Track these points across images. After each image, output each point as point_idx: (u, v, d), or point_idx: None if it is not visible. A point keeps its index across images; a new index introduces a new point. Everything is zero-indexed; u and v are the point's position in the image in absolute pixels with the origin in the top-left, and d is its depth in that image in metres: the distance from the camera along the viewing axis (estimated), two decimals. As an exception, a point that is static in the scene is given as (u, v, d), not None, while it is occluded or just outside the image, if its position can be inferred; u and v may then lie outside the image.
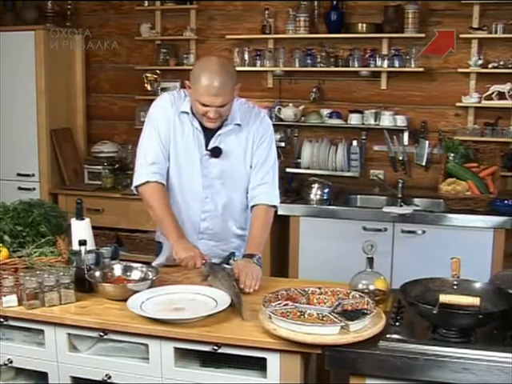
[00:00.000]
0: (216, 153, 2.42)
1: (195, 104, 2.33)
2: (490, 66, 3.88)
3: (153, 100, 2.61)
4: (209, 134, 2.42)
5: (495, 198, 3.60)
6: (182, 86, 4.44)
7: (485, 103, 3.92)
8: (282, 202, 3.77)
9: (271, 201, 2.50)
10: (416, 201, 3.94)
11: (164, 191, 2.41)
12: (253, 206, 2.50)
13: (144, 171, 2.40)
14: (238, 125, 2.44)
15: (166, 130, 2.41)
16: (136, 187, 2.43)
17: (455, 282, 2.00)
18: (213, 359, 1.98)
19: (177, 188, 2.48)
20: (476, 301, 1.82)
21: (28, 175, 4.42)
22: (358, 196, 4.16)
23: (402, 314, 1.99)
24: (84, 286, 2.20)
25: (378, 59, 4.07)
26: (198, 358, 2.01)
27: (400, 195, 3.82)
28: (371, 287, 2.08)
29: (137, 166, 2.44)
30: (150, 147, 2.41)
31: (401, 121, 4.08)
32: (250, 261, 2.33)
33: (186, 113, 2.41)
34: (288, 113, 4.23)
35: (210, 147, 2.42)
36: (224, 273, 2.24)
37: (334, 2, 4.10)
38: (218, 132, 2.42)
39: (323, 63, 4.17)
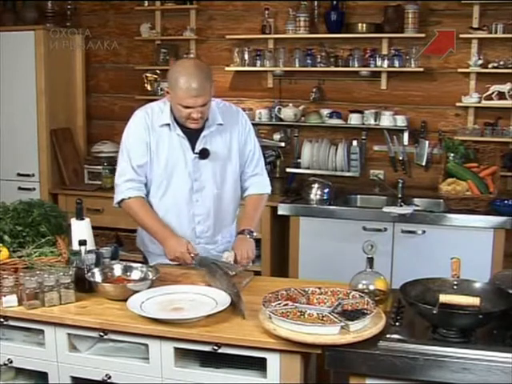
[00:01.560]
0: (204, 154, 2.46)
1: (177, 108, 2.36)
2: (489, 65, 3.88)
3: (153, 100, 2.63)
4: (193, 138, 2.46)
5: (495, 198, 3.60)
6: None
7: (485, 103, 3.92)
8: (281, 202, 3.84)
9: (263, 189, 2.65)
10: (416, 201, 3.94)
11: (143, 202, 2.49)
12: (246, 197, 2.64)
13: (119, 190, 2.49)
14: (221, 124, 2.49)
15: (139, 153, 2.46)
16: (118, 204, 2.52)
17: (455, 282, 2.00)
18: (213, 359, 1.98)
19: (169, 198, 2.52)
20: (476, 301, 1.82)
21: (28, 175, 4.42)
22: (358, 196, 4.16)
23: (402, 314, 1.99)
24: (84, 286, 2.20)
25: (378, 59, 4.07)
26: (197, 357, 2.01)
27: (400, 195, 3.82)
28: (371, 287, 2.08)
29: (115, 187, 2.54)
30: (122, 170, 2.49)
31: (401, 121, 4.08)
32: (243, 236, 2.46)
33: (167, 124, 2.45)
34: (288, 113, 4.23)
35: (196, 150, 2.46)
36: (222, 272, 2.25)
37: (334, 2, 4.10)
38: (203, 134, 2.46)
39: (323, 63, 4.17)
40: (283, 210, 3.84)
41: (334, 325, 1.82)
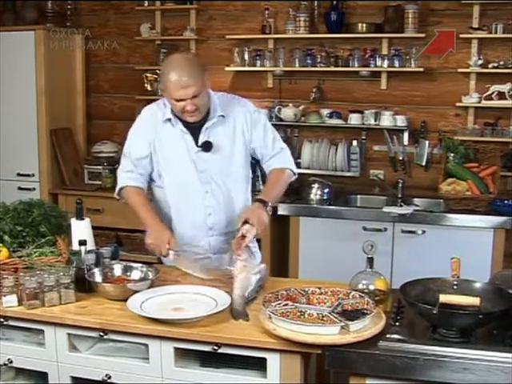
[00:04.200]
0: (207, 147, 2.47)
1: (172, 103, 2.39)
2: (490, 65, 3.88)
3: (153, 100, 2.63)
4: (196, 131, 2.47)
5: (495, 198, 3.60)
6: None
7: (485, 103, 3.92)
8: (281, 202, 3.83)
9: (283, 164, 2.60)
10: (416, 201, 3.94)
11: (138, 190, 2.52)
12: (268, 174, 2.62)
13: (119, 180, 2.56)
14: (222, 116, 2.49)
15: (137, 148, 2.51)
16: (118, 194, 2.57)
17: (455, 282, 2.00)
18: (213, 359, 1.98)
19: (176, 193, 2.53)
20: (476, 301, 1.82)
21: (28, 175, 4.42)
22: (358, 196, 4.16)
23: (402, 314, 1.99)
24: (84, 286, 2.20)
25: (378, 59, 4.07)
26: (197, 357, 2.01)
27: (400, 195, 3.82)
28: (371, 287, 2.08)
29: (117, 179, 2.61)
30: (122, 163, 2.57)
31: (401, 121, 4.08)
32: (255, 204, 2.42)
33: (169, 119, 2.48)
34: (288, 113, 4.23)
35: (199, 143, 2.47)
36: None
37: (334, 2, 4.10)
38: (205, 126, 2.47)
39: (323, 63, 4.17)
40: (283, 209, 3.84)
41: (333, 325, 1.82)
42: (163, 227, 2.42)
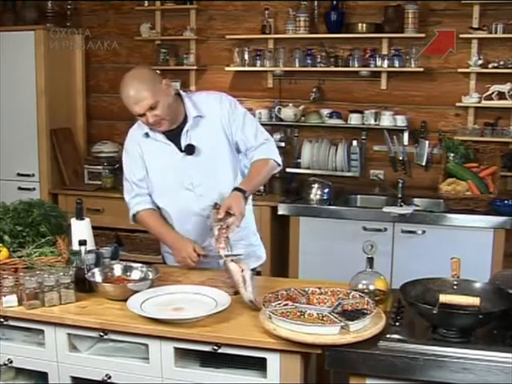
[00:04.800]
0: (190, 150, 2.46)
1: (140, 120, 2.43)
2: (490, 65, 3.88)
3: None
4: (177, 138, 2.47)
5: (495, 198, 3.60)
6: (182, 86, 4.46)
7: (485, 103, 3.92)
8: (281, 202, 3.83)
9: (267, 155, 2.53)
10: (416, 201, 3.94)
11: (152, 212, 2.55)
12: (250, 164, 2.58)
13: (129, 207, 2.59)
14: (200, 116, 2.47)
15: (134, 169, 2.54)
16: (133, 221, 2.61)
17: (455, 282, 2.00)
18: (213, 359, 1.97)
19: (171, 202, 2.53)
20: (476, 301, 1.82)
21: (28, 175, 4.42)
22: (358, 196, 4.16)
23: (402, 314, 1.99)
24: (84, 286, 2.20)
25: (378, 59, 4.07)
26: (197, 357, 2.01)
27: (400, 195, 3.82)
28: (371, 287, 2.08)
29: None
30: (126, 188, 2.60)
31: (401, 121, 4.08)
32: (240, 194, 2.37)
33: (146, 134, 2.49)
34: (288, 113, 4.23)
35: (183, 147, 2.46)
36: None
37: (334, 2, 4.10)
38: (184, 130, 2.46)
39: (323, 63, 4.17)
40: (283, 210, 3.84)
41: (334, 325, 1.82)
42: (182, 238, 2.45)
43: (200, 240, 2.53)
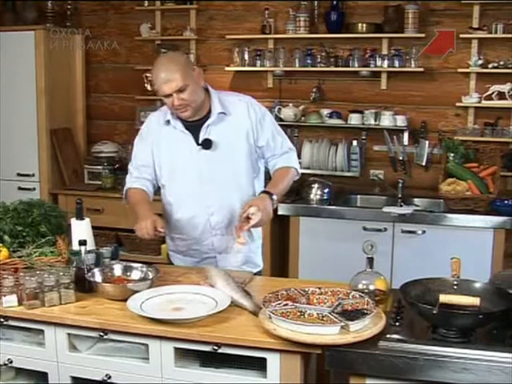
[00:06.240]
0: (207, 144, 2.47)
1: (164, 101, 2.45)
2: (489, 65, 3.88)
3: (153, 100, 2.64)
4: (197, 131, 2.48)
5: (495, 198, 3.60)
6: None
7: (485, 103, 3.92)
8: (281, 202, 3.83)
9: (289, 163, 2.62)
10: (416, 201, 3.94)
11: (141, 191, 2.57)
12: (273, 172, 2.64)
13: (126, 183, 2.65)
14: (224, 113, 2.49)
15: (140, 155, 2.60)
16: (125, 199, 2.66)
17: (455, 282, 2.00)
18: (213, 359, 1.97)
19: (178, 194, 2.55)
20: (476, 301, 1.82)
21: (28, 175, 4.42)
22: (358, 196, 4.16)
23: (402, 314, 1.99)
24: (84, 286, 2.20)
25: (378, 59, 4.07)
26: (198, 357, 2.01)
27: (400, 195, 3.82)
28: (371, 287, 2.08)
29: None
30: (129, 169, 2.66)
31: (401, 121, 4.08)
32: (266, 196, 2.41)
33: (168, 121, 2.51)
34: (288, 113, 4.23)
35: (200, 140, 2.48)
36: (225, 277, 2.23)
37: (334, 2, 4.10)
38: (205, 124, 2.47)
39: (323, 63, 4.17)
40: (283, 210, 3.84)
41: (334, 325, 1.82)
42: (150, 213, 2.42)
43: (202, 238, 2.54)
